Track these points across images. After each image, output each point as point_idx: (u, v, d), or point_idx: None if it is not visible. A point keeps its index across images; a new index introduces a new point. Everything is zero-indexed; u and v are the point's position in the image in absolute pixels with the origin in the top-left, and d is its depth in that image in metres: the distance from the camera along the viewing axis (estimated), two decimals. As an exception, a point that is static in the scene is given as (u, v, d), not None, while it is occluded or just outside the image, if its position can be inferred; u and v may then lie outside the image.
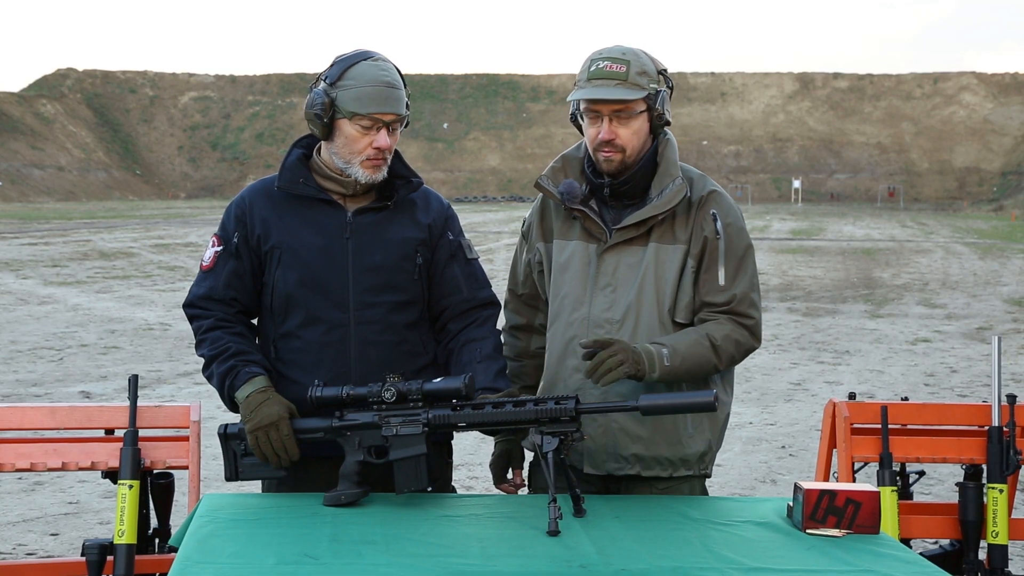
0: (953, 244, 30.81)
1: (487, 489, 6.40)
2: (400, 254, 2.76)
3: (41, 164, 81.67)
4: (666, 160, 2.84)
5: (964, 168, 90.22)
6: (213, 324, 2.76)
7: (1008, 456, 3.26)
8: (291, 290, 2.73)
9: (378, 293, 2.73)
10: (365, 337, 2.72)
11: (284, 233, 2.73)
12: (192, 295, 2.80)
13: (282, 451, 2.55)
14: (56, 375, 9.75)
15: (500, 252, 25.98)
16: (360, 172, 2.70)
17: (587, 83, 2.75)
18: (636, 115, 2.76)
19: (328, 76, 2.69)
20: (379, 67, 2.68)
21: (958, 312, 15.29)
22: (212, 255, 2.79)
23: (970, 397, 9.08)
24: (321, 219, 2.74)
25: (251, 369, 2.66)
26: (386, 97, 2.66)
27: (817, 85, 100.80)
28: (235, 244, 2.76)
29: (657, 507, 2.60)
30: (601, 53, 2.78)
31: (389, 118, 2.68)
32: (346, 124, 2.67)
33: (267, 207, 2.77)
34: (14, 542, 5.30)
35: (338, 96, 2.66)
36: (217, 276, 2.78)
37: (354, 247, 2.73)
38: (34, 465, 2.99)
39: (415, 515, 2.44)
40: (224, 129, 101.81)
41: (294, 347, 2.75)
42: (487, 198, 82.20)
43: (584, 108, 2.78)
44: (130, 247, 26.35)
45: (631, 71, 2.73)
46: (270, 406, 2.57)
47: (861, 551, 2.27)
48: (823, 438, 3.40)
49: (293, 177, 2.75)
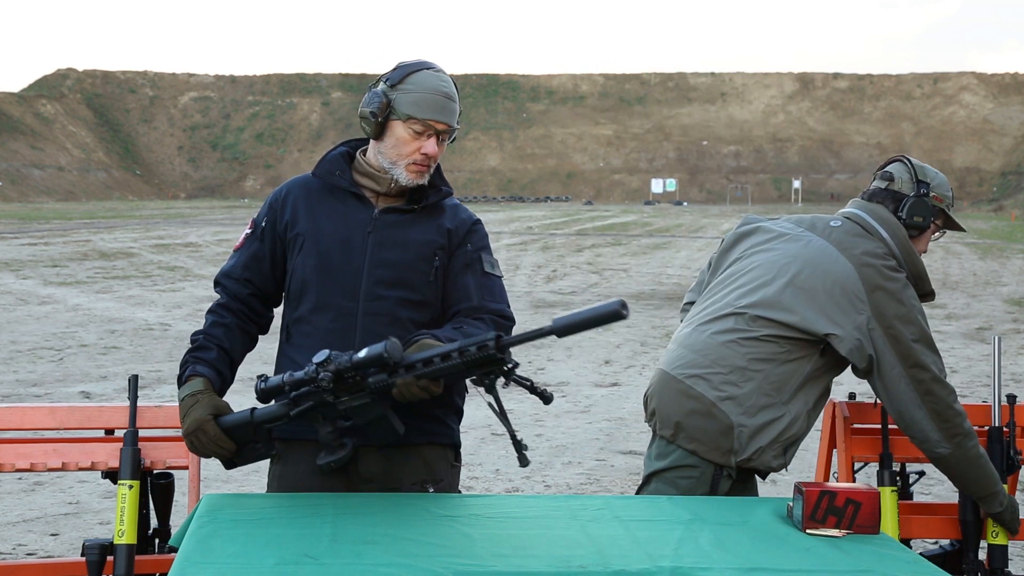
0: (953, 244, 30.82)
1: (487, 489, 6.41)
2: (418, 255, 2.78)
3: (41, 164, 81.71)
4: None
5: (964, 168, 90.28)
6: (214, 307, 2.84)
7: (1008, 456, 3.26)
8: (307, 275, 2.77)
9: (389, 287, 2.75)
10: (371, 328, 2.73)
11: (311, 221, 2.79)
12: (219, 272, 2.90)
13: (216, 448, 2.58)
14: (56, 375, 9.76)
15: (500, 252, 26.00)
16: (404, 175, 2.74)
17: (954, 209, 3.24)
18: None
19: (389, 79, 2.75)
20: (439, 78, 2.76)
21: (958, 312, 15.30)
22: (243, 237, 2.89)
23: (970, 397, 9.08)
24: (348, 212, 2.79)
25: (196, 368, 2.69)
26: (442, 107, 2.73)
27: (817, 85, 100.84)
28: (262, 228, 2.85)
29: (657, 507, 2.60)
30: (951, 189, 3.25)
31: (441, 127, 2.74)
32: (399, 126, 2.72)
33: (301, 196, 2.84)
34: (14, 542, 5.30)
35: (396, 98, 2.71)
36: (240, 256, 2.86)
37: (374, 241, 2.76)
38: (34, 465, 2.99)
39: (415, 515, 2.45)
40: (224, 129, 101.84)
41: (304, 331, 2.78)
42: (487, 198, 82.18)
43: (941, 234, 3.28)
44: (130, 247, 26.37)
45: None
46: (196, 411, 2.59)
47: (861, 551, 2.27)
48: (823, 438, 3.40)
49: (331, 169, 2.82)
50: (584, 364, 10.82)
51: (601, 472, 6.68)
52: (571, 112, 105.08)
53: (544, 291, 17.85)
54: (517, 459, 2.34)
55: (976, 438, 3.04)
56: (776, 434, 2.99)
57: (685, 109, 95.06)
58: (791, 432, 3.02)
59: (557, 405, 8.74)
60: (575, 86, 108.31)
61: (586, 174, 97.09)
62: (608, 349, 11.65)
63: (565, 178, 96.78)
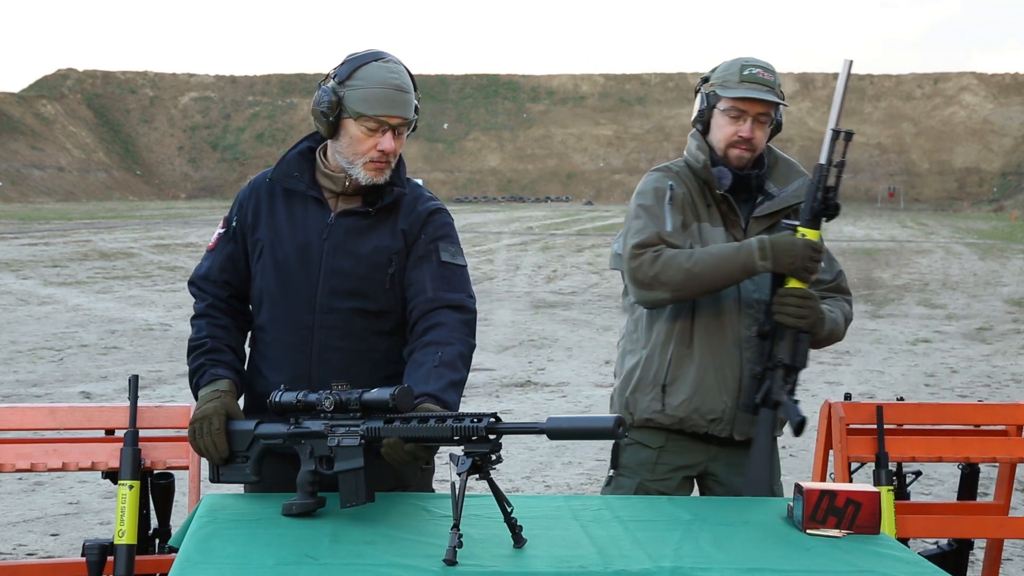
0: (953, 244, 30.81)
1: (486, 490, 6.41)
2: (370, 263, 2.70)
3: (41, 164, 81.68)
4: (784, 160, 3.21)
5: (964, 168, 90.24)
6: (203, 310, 2.78)
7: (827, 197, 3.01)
8: (265, 285, 2.73)
9: (344, 297, 2.69)
10: (326, 341, 2.69)
11: (269, 228, 2.73)
12: (194, 274, 2.85)
13: (211, 445, 2.54)
14: (56, 375, 9.76)
15: (500, 252, 26.00)
16: (362, 174, 2.67)
17: (740, 84, 3.03)
18: (770, 121, 3.09)
19: (338, 74, 2.66)
20: (389, 69, 2.64)
21: (958, 312, 15.30)
22: (216, 236, 2.83)
23: (970, 397, 9.09)
24: (306, 216, 2.72)
25: (216, 371, 2.67)
26: (393, 100, 2.63)
27: (817, 85, 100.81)
28: (234, 228, 2.79)
29: (657, 507, 2.60)
30: (751, 61, 3.09)
31: (395, 121, 2.64)
32: (352, 124, 2.64)
33: (264, 199, 2.77)
34: (14, 542, 5.30)
35: (345, 95, 2.63)
36: (215, 257, 2.81)
37: (328, 248, 2.70)
38: (34, 465, 2.99)
39: (415, 515, 2.45)
40: (224, 129, 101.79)
41: (265, 341, 2.77)
42: (487, 198, 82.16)
43: (730, 106, 3.05)
44: (130, 247, 26.36)
45: (775, 82, 3.08)
46: (212, 404, 2.59)
47: (861, 551, 2.27)
48: (819, 439, 3.41)
49: (288, 171, 2.75)
50: (584, 364, 10.82)
51: (601, 472, 6.68)
52: (571, 112, 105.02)
53: (544, 291, 17.84)
54: (512, 539, 2.25)
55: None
56: (639, 377, 3.12)
57: (685, 109, 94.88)
58: (653, 370, 3.10)
59: (557, 405, 8.75)
60: (575, 86, 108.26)
61: (586, 174, 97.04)
62: (608, 349, 11.64)
63: (565, 178, 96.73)
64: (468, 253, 25.96)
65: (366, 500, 2.38)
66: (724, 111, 3.06)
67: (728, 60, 3.13)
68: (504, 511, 2.25)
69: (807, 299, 2.91)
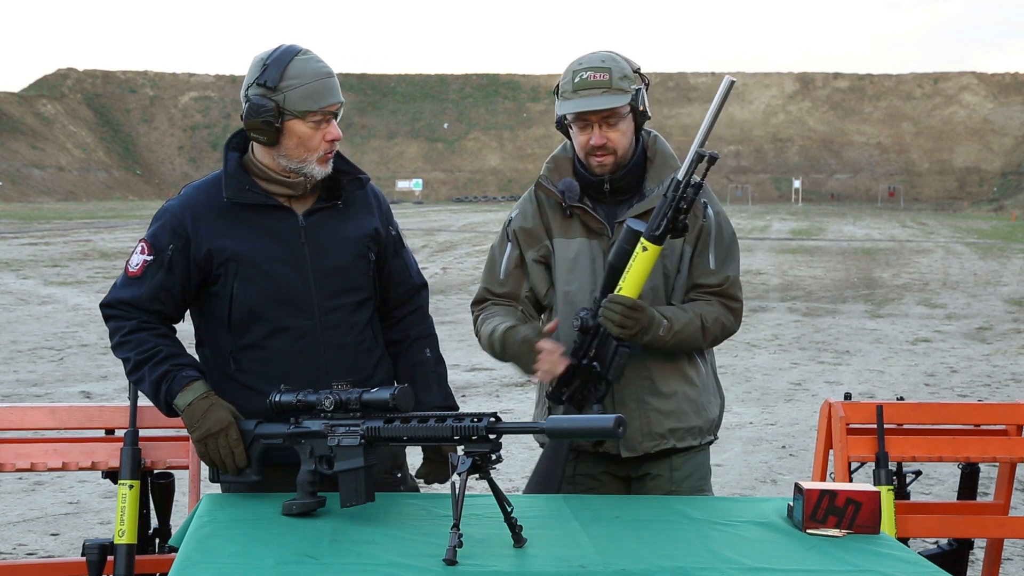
0: (953, 244, 30.81)
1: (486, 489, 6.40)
2: (356, 252, 2.75)
3: (41, 164, 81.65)
4: (662, 154, 3.01)
5: (964, 168, 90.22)
6: (136, 326, 2.67)
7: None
8: (253, 303, 2.67)
9: (340, 296, 2.72)
10: (333, 342, 2.71)
11: (239, 245, 2.67)
12: (113, 296, 2.71)
13: (229, 457, 2.54)
14: (56, 375, 9.76)
15: (500, 252, 25.89)
16: (317, 169, 2.67)
17: (573, 95, 2.88)
18: (624, 118, 2.90)
19: (265, 80, 2.62)
20: (313, 59, 2.66)
21: (958, 312, 15.29)
22: (141, 263, 2.69)
23: (970, 397, 9.09)
24: (273, 225, 2.69)
25: (187, 373, 2.61)
26: (332, 88, 2.66)
27: (817, 85, 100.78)
28: (168, 256, 2.67)
29: (657, 507, 2.61)
30: (582, 63, 2.92)
31: (336, 108, 2.68)
32: (298, 124, 2.63)
33: (214, 218, 2.68)
34: (14, 542, 5.30)
35: (285, 97, 2.61)
36: (143, 286, 2.68)
37: (311, 251, 2.70)
38: (34, 465, 3.00)
39: (415, 515, 2.45)
40: (224, 129, 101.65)
41: (260, 358, 2.70)
42: (487, 198, 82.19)
43: (573, 118, 2.89)
44: (130, 247, 26.30)
45: (613, 77, 2.86)
46: (216, 412, 2.55)
47: (861, 551, 2.27)
48: (819, 438, 3.41)
49: (239, 186, 2.69)
50: (584, 364, 10.80)
51: (601, 472, 6.67)
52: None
53: (544, 291, 17.80)
54: (512, 539, 2.25)
55: None
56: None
57: (685, 109, 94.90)
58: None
59: (557, 405, 8.72)
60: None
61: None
62: (608, 349, 11.63)
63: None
64: (468, 253, 25.87)
65: (366, 500, 2.40)
66: (572, 121, 2.92)
67: (570, 62, 2.96)
68: (504, 511, 2.26)
69: (634, 310, 2.77)
